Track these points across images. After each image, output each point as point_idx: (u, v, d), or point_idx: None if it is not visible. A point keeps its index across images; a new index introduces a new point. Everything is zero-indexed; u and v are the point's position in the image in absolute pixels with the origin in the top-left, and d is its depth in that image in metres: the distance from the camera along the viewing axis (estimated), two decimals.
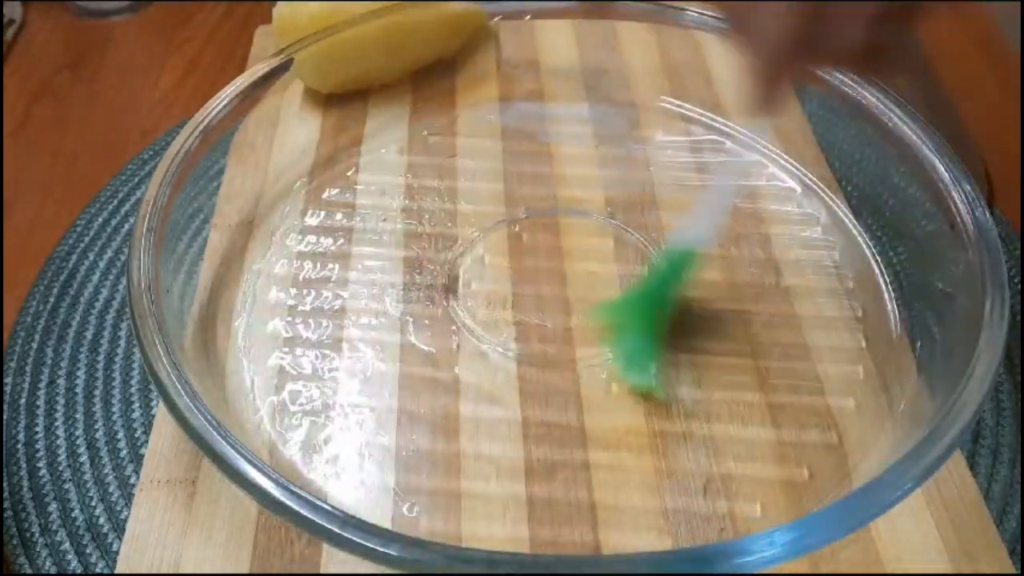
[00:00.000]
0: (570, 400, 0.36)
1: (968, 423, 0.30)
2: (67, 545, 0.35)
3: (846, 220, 0.43)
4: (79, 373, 0.40)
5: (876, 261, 0.41)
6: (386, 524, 0.32)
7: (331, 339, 0.38)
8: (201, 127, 0.40)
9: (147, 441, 0.36)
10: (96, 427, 0.38)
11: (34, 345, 0.41)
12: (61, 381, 0.40)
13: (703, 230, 0.38)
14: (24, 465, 0.37)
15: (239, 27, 0.60)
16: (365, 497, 0.33)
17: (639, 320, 0.38)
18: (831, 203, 0.44)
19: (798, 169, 0.46)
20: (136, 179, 0.49)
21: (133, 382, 0.40)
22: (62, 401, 0.39)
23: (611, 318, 0.38)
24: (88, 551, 0.35)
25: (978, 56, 0.58)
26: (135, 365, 0.40)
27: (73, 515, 0.36)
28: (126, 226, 0.47)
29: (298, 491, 0.28)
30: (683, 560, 0.27)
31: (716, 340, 0.38)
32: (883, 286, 0.40)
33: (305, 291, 0.40)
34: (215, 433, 0.29)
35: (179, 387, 0.31)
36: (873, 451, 0.34)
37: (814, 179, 0.45)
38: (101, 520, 0.35)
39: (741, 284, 0.40)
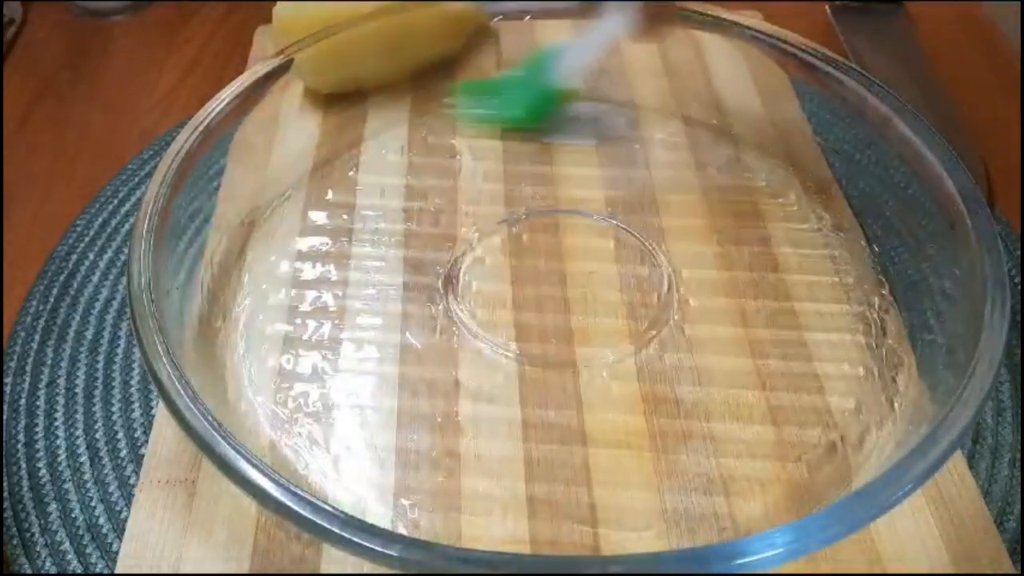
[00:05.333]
0: (570, 400, 0.36)
1: (969, 423, 0.30)
2: (67, 545, 0.35)
3: (846, 220, 0.43)
4: (79, 373, 0.40)
5: (876, 261, 0.41)
6: (386, 524, 0.32)
7: (331, 339, 0.38)
8: (201, 127, 0.40)
9: (147, 441, 0.36)
10: (96, 427, 0.38)
11: (34, 345, 0.41)
12: (61, 381, 0.40)
13: (576, 62, 0.45)
14: (24, 465, 0.37)
15: (239, 27, 0.60)
16: (365, 497, 0.33)
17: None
18: (831, 203, 0.44)
19: (798, 169, 0.46)
20: (136, 179, 0.49)
21: (133, 382, 0.40)
22: (62, 401, 0.39)
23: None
24: (88, 551, 0.35)
25: (978, 56, 0.58)
26: (135, 365, 0.40)
27: (73, 515, 0.36)
28: (126, 226, 0.47)
29: (299, 491, 0.28)
30: (683, 560, 0.27)
31: (716, 339, 0.38)
32: (883, 286, 0.40)
33: (305, 291, 0.40)
34: (215, 434, 0.29)
35: (179, 387, 0.31)
36: (873, 451, 0.34)
37: (814, 179, 0.45)
38: (101, 520, 0.35)
39: (741, 283, 0.40)
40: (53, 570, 0.34)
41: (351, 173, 0.46)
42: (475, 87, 0.50)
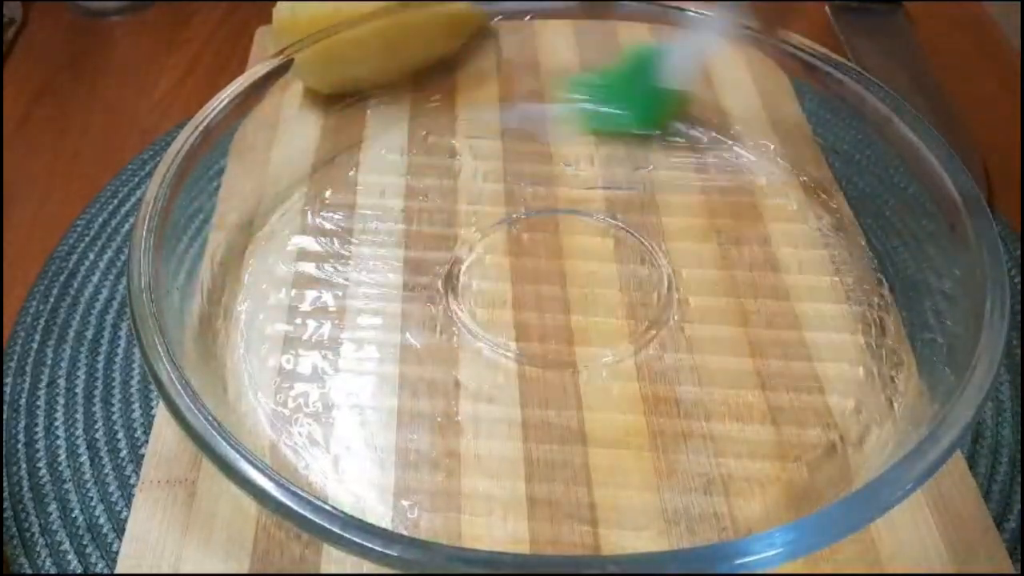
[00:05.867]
0: (570, 400, 0.36)
1: (968, 424, 0.30)
2: (67, 545, 0.35)
3: (846, 220, 0.43)
4: (79, 373, 0.40)
5: (876, 261, 0.41)
6: (386, 524, 0.32)
7: (331, 339, 0.38)
8: (201, 127, 0.40)
9: (147, 441, 0.36)
10: (96, 427, 0.38)
11: (34, 345, 0.41)
12: (61, 381, 0.40)
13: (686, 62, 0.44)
14: (24, 465, 0.37)
15: (239, 27, 0.60)
16: (365, 497, 0.33)
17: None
18: (831, 203, 0.44)
19: (798, 169, 0.46)
20: (136, 179, 0.49)
21: (133, 382, 0.40)
22: (62, 401, 0.39)
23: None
24: (88, 551, 0.35)
25: (978, 56, 0.58)
26: (135, 365, 0.40)
27: (73, 515, 0.36)
28: (126, 226, 0.47)
29: (299, 491, 0.28)
30: (683, 560, 0.27)
31: (716, 339, 0.38)
32: (883, 286, 0.40)
33: (305, 291, 0.40)
34: (215, 434, 0.29)
35: (179, 387, 0.31)
36: (873, 451, 0.34)
37: (814, 179, 0.45)
38: (101, 520, 0.35)
39: (741, 283, 0.40)
40: (53, 570, 0.34)
41: (351, 173, 0.46)
42: (590, 85, 0.48)
